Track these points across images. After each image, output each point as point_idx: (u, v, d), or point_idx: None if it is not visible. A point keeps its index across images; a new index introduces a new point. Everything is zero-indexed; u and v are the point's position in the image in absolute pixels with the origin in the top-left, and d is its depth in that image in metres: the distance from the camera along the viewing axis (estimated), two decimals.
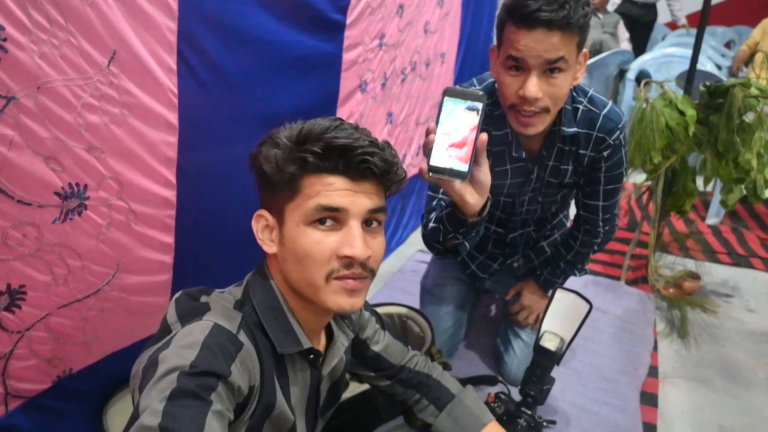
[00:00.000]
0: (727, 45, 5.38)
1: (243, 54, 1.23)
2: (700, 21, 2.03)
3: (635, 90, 3.64)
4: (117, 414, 1.16)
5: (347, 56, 1.63)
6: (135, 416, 0.60)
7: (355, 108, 1.79)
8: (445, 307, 1.66)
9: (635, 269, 2.33)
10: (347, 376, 1.00)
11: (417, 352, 1.11)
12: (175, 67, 1.07)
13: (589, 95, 1.26)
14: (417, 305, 1.70)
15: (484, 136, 0.86)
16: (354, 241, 0.74)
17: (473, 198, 0.94)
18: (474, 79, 1.33)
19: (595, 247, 1.50)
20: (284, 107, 1.40)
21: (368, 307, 1.05)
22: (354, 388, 1.30)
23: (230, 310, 0.77)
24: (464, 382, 1.14)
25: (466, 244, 1.12)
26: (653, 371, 1.71)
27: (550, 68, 1.07)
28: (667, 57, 3.76)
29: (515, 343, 1.63)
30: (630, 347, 1.81)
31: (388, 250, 2.42)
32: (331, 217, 0.74)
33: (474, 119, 0.85)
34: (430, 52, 2.29)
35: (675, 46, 4.03)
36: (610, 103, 1.27)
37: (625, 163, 1.33)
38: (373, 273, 0.79)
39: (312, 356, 0.83)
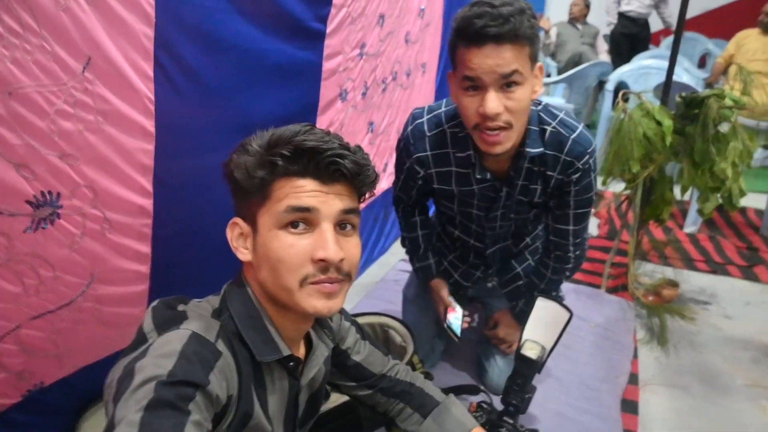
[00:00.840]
0: (703, 59, 5.49)
1: (221, 61, 1.22)
2: (675, 34, 2.07)
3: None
4: (91, 428, 1.13)
5: (327, 65, 1.63)
6: (110, 427, 0.58)
7: (335, 116, 1.79)
8: (427, 317, 1.66)
9: (615, 277, 2.35)
10: (327, 387, 0.99)
11: (398, 361, 1.10)
12: (151, 73, 1.06)
13: (559, 118, 1.24)
14: (399, 315, 1.69)
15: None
16: (326, 243, 0.73)
17: None
18: (444, 100, 1.33)
19: (567, 273, 1.50)
20: (263, 115, 1.39)
21: (348, 317, 1.04)
22: (335, 399, 1.29)
23: (208, 318, 0.75)
24: (446, 391, 1.13)
25: None
26: (633, 379, 1.72)
27: (507, 83, 1.07)
28: (644, 69, 3.83)
29: (497, 353, 1.63)
30: (611, 355, 1.82)
31: (371, 259, 2.41)
32: (302, 219, 0.74)
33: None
34: (411, 62, 2.30)
35: (653, 58, 4.11)
36: (581, 127, 1.25)
37: (594, 187, 1.33)
38: (349, 277, 0.78)
39: (291, 364, 0.82)
